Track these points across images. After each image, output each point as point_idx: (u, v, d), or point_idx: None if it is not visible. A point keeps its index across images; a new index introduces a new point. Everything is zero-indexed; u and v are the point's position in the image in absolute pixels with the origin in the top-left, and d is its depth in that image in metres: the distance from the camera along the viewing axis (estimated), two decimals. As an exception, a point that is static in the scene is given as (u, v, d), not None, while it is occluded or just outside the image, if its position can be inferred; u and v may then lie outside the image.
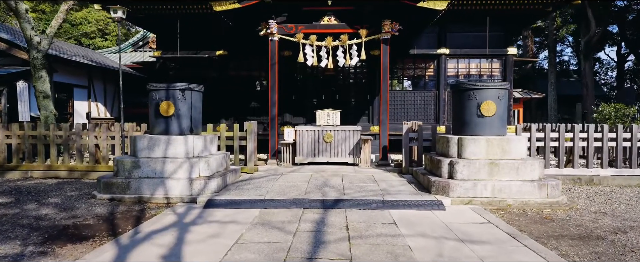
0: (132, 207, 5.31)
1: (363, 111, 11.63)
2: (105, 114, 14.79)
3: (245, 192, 5.83)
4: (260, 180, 6.84)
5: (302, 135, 8.85)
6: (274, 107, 8.97)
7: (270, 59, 8.95)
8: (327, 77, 11.71)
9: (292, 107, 11.65)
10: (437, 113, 11.30)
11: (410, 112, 11.43)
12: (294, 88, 11.68)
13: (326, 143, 8.82)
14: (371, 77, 11.44)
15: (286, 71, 11.46)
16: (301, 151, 8.86)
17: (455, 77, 11.42)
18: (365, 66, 11.60)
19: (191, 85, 6.34)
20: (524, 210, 5.19)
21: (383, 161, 8.80)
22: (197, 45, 11.42)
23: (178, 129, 6.21)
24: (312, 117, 10.70)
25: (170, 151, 5.96)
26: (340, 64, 8.88)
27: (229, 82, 11.69)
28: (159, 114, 6.19)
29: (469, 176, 5.57)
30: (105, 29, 32.47)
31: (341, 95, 11.72)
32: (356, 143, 8.76)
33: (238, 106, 11.70)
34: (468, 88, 5.99)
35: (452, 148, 5.96)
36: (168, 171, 5.81)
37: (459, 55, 11.23)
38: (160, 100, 6.18)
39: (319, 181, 6.68)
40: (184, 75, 11.89)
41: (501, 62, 11.29)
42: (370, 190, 5.93)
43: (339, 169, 8.14)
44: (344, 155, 8.80)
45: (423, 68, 11.46)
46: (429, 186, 5.84)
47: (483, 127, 5.91)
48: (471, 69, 11.40)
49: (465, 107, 6.03)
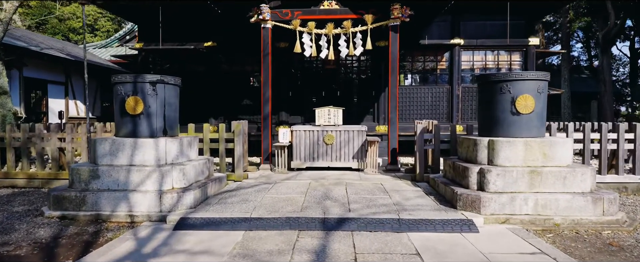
0: (86, 229, 4.30)
1: (367, 109, 10.62)
2: (85, 113, 13.77)
3: (229, 207, 4.82)
4: (248, 190, 5.83)
5: (300, 136, 7.85)
6: (267, 104, 7.96)
7: (263, 49, 7.94)
8: (327, 72, 10.71)
9: (289, 105, 10.65)
10: (450, 111, 10.30)
11: (420, 110, 10.42)
12: (290, 84, 10.67)
13: (327, 145, 7.82)
14: (376, 71, 10.43)
15: (282, 65, 10.46)
16: (298, 155, 7.85)
17: (469, 70, 10.42)
18: (370, 59, 10.60)
19: (164, 78, 5.34)
20: (577, 231, 4.19)
21: (392, 165, 7.80)
22: (183, 36, 10.42)
23: (148, 130, 5.20)
24: (311, 116, 9.70)
25: (138, 157, 4.95)
26: (343, 55, 7.88)
27: (219, 77, 10.69)
28: (125, 112, 5.18)
29: (505, 188, 4.57)
30: (94, 25, 31.46)
31: (343, 91, 10.72)
32: (361, 145, 7.76)
33: (229, 104, 10.70)
34: (500, 80, 4.98)
35: (480, 152, 4.95)
36: (133, 181, 4.80)
37: (474, 46, 10.22)
38: (126, 96, 5.17)
39: (318, 192, 5.67)
40: (169, 69, 10.88)
41: (521, 54, 10.29)
42: (381, 204, 4.92)
43: (341, 176, 7.14)
44: (348, 159, 7.79)
45: (434, 61, 10.45)
46: (453, 199, 4.83)
47: (519, 127, 4.91)
48: (488, 61, 10.39)
49: (496, 103, 5.03)
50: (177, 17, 10.26)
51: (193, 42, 10.28)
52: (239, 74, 10.66)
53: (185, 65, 10.81)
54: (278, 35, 9.21)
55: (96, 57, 15.67)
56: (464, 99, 10.31)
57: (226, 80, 10.66)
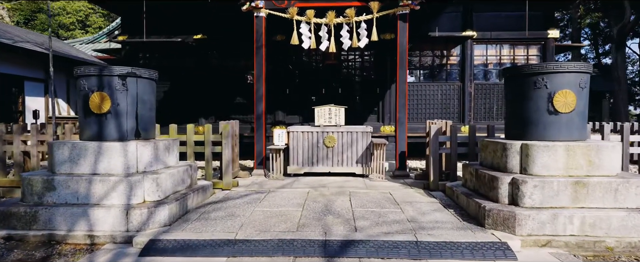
0: (33, 253, 3.55)
1: (371, 108, 9.88)
2: (68, 113, 13.02)
3: (211, 225, 4.07)
4: (237, 201, 5.08)
5: (297, 138, 7.09)
6: (261, 102, 7.20)
7: (256, 40, 7.19)
8: (328, 68, 9.96)
9: (286, 104, 9.89)
10: (462, 110, 9.55)
11: (429, 109, 9.67)
12: (288, 81, 9.92)
13: (327, 148, 7.06)
14: (381, 66, 9.68)
15: (279, 60, 9.71)
16: (295, 159, 7.10)
17: (482, 65, 9.68)
18: (374, 53, 9.84)
19: (137, 70, 4.58)
20: (636, 258, 3.44)
21: (400, 170, 7.05)
22: (171, 28, 9.66)
23: (116, 132, 4.44)
24: (309, 116, 8.96)
25: (102, 164, 4.20)
26: (345, 46, 7.12)
27: (210, 73, 9.93)
28: (89, 111, 4.43)
29: (543, 202, 3.82)
30: (85, 21, 30.67)
31: (345, 89, 9.97)
32: (366, 148, 7.01)
33: (221, 102, 9.94)
34: (534, 72, 4.23)
35: (511, 159, 4.20)
36: (96, 194, 4.05)
37: (487, 39, 9.47)
38: (90, 91, 4.42)
39: (318, 204, 4.92)
40: (156, 64, 10.13)
41: (539, 48, 9.54)
42: (393, 220, 4.17)
43: (344, 183, 6.39)
44: (351, 163, 7.04)
45: (444, 55, 9.70)
46: (480, 215, 4.08)
47: (557, 129, 4.16)
48: (503, 56, 9.65)
49: (528, 100, 4.28)
50: (164, 7, 9.51)
51: (181, 34, 9.52)
52: (232, 70, 9.90)
53: (173, 60, 10.05)
54: (274, 26, 8.47)
55: (81, 53, 14.90)
56: (476, 97, 9.57)
57: (218, 77, 9.90)
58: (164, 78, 10.10)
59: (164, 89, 10.02)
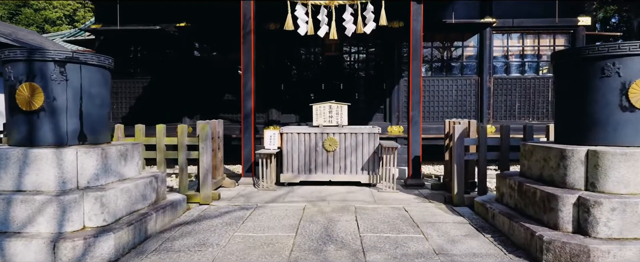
0: None
1: (377, 106, 8.88)
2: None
3: (171, 259, 3.07)
4: (214, 222, 4.09)
5: (292, 140, 6.10)
6: (249, 99, 6.20)
7: (243, 27, 6.20)
8: (328, 60, 8.96)
9: (281, 101, 8.90)
10: (479, 107, 8.55)
11: (442, 106, 8.68)
12: (283, 75, 8.92)
13: (327, 153, 6.07)
14: (389, 58, 8.69)
15: (272, 52, 8.72)
16: (290, 165, 6.11)
17: (503, 57, 8.68)
18: (381, 44, 8.85)
19: (81, 55, 3.59)
20: None
21: (414, 179, 6.06)
22: (150, 16, 8.64)
23: (52, 135, 3.45)
24: (307, 114, 7.98)
25: (29, 178, 3.21)
26: (348, 32, 6.13)
27: (196, 66, 8.93)
28: (16, 107, 3.44)
29: (624, 232, 2.83)
30: (73, 15, 29.63)
31: (347, 84, 8.97)
32: (373, 152, 6.02)
33: (208, 100, 8.94)
34: (602, 54, 3.24)
35: (572, 170, 3.20)
36: (17, 219, 3.06)
37: (509, 27, 8.47)
38: (18, 82, 3.43)
39: (315, 227, 3.93)
40: (135, 57, 9.13)
41: (567, 38, 8.54)
42: (416, 252, 3.18)
43: (348, 195, 5.40)
44: (355, 170, 6.05)
45: (460, 46, 8.70)
46: (534, 246, 3.08)
47: (635, 130, 3.17)
48: (526, 46, 8.65)
49: (593, 93, 3.29)
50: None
51: (162, 22, 8.50)
52: (219, 63, 8.90)
53: (154, 52, 9.05)
54: (265, 12, 7.50)
55: (57, 46, 13.89)
56: (496, 93, 8.58)
57: (204, 71, 8.90)
58: (144, 72, 9.11)
59: (143, 84, 9.02)
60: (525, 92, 8.56)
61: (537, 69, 8.63)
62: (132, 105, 9.06)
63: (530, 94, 8.55)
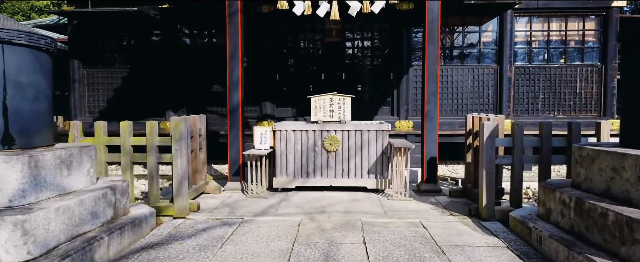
0: None
1: (383, 98, 8.06)
2: None
3: (115, 310, 2.27)
4: (185, 244, 3.29)
5: (287, 139, 5.28)
6: (236, 91, 5.37)
7: (229, 5, 5.34)
8: (328, 48, 8.12)
9: (276, 93, 8.07)
10: (498, 100, 7.72)
11: (457, 98, 7.85)
12: (278, 64, 8.09)
13: (328, 153, 5.26)
14: (397, 45, 7.85)
15: (265, 38, 7.88)
16: (284, 167, 5.30)
17: (525, 43, 7.83)
18: (388, 28, 7.99)
19: (2, 32, 2.75)
20: None
21: (429, 183, 5.25)
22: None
23: (-38, 138, 2.63)
24: (305, 108, 7.17)
25: None
26: (352, 11, 5.27)
27: (180, 54, 8.09)
28: None
29: None
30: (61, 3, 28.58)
31: (350, 74, 8.13)
32: (381, 153, 5.20)
33: (195, 92, 8.11)
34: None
35: (660, 187, 2.38)
36: None
37: (533, 9, 7.61)
38: None
39: (313, 253, 3.12)
40: (112, 44, 8.28)
41: (599, 22, 7.68)
42: (447, 299, 2.38)
43: (352, 205, 4.59)
44: (360, 174, 5.24)
45: (477, 31, 7.84)
46: (609, 290, 2.27)
47: None
48: (552, 31, 7.78)
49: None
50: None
51: (143, 4, 7.60)
52: (208, 50, 8.06)
53: (134, 38, 8.19)
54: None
55: (39, 35, 13.02)
56: (517, 84, 7.74)
57: (191, 59, 8.06)
58: (123, 60, 8.27)
59: (122, 75, 8.18)
60: (549, 83, 7.72)
61: (563, 57, 7.78)
62: (110, 98, 8.22)
63: (555, 84, 7.71)
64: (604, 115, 7.60)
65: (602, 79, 7.62)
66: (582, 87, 7.68)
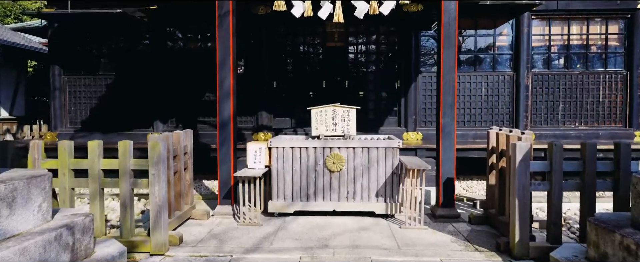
0: None
1: (389, 108, 7.49)
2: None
3: None
4: (159, 298, 2.69)
5: (284, 157, 4.70)
6: (227, 102, 4.79)
7: (219, 5, 4.77)
8: (330, 53, 7.55)
9: (273, 102, 7.48)
10: (515, 110, 7.15)
11: (469, 108, 7.27)
12: (276, 70, 7.51)
13: (331, 173, 4.67)
14: (404, 50, 7.29)
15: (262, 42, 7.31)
16: (281, 189, 4.71)
17: (544, 48, 7.27)
18: (394, 32, 7.43)
19: None
20: None
21: (446, 208, 4.67)
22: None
23: None
24: (306, 118, 6.63)
25: None
26: (359, 13, 4.70)
27: (169, 59, 7.51)
28: None
29: None
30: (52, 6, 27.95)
31: (353, 81, 7.56)
32: (392, 173, 4.62)
33: (185, 101, 7.52)
34: None
35: None
36: None
37: (552, 11, 7.05)
38: None
39: (316, 310, 2.53)
40: (96, 49, 7.70)
41: (623, 24, 7.13)
42: None
43: (360, 236, 4.00)
44: (367, 196, 4.66)
45: (490, 35, 7.28)
46: None
47: None
48: (572, 35, 7.22)
49: None
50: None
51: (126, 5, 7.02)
52: (199, 55, 7.47)
53: (120, 43, 7.62)
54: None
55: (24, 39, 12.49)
56: (535, 92, 7.17)
57: (180, 65, 7.48)
58: (108, 67, 7.68)
59: (106, 82, 7.60)
60: (570, 91, 7.16)
61: (585, 62, 7.21)
62: (93, 108, 7.63)
63: (576, 93, 7.14)
64: (629, 127, 7.04)
65: (628, 86, 7.06)
66: (606, 95, 7.11)
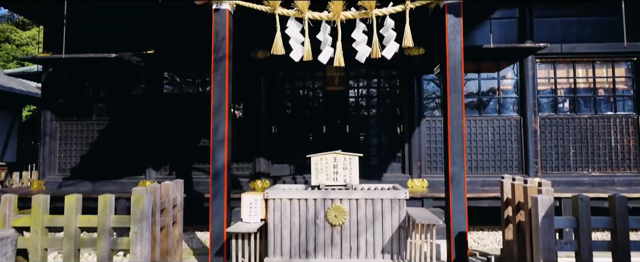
0: None
1: (392, 154, 7.20)
2: None
3: None
4: None
5: (281, 209, 4.35)
6: (221, 150, 4.51)
7: (215, 49, 4.61)
8: (330, 97, 7.38)
9: (271, 148, 7.21)
10: (524, 155, 6.86)
11: (475, 153, 6.99)
12: (274, 115, 7.30)
13: (332, 227, 4.30)
14: (407, 94, 7.11)
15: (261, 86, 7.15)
16: (278, 245, 4.32)
17: (550, 91, 7.09)
18: (395, 76, 7.30)
19: None
20: None
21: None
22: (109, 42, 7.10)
23: None
24: (305, 165, 6.34)
25: None
26: (361, 57, 4.52)
27: (165, 104, 7.32)
28: None
29: None
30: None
31: (354, 126, 7.33)
32: (398, 227, 4.25)
33: (179, 147, 7.24)
34: None
35: None
36: None
37: (556, 54, 6.95)
38: None
39: None
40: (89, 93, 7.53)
41: (630, 67, 7.00)
42: None
43: (365, 300, 3.58)
44: (371, 252, 4.26)
45: (494, 78, 7.14)
46: None
47: None
48: (578, 78, 7.08)
49: None
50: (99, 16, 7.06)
51: (122, 50, 6.93)
52: (195, 100, 7.29)
53: (114, 87, 7.45)
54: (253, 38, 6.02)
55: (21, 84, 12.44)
56: (544, 137, 6.91)
57: (176, 110, 7.27)
58: (101, 112, 7.48)
59: (100, 127, 7.36)
60: (580, 136, 6.90)
61: (593, 106, 7.01)
62: (84, 154, 7.34)
63: (587, 137, 6.88)
64: (645, 173, 6.73)
65: (639, 131, 6.82)
66: (617, 140, 6.85)
